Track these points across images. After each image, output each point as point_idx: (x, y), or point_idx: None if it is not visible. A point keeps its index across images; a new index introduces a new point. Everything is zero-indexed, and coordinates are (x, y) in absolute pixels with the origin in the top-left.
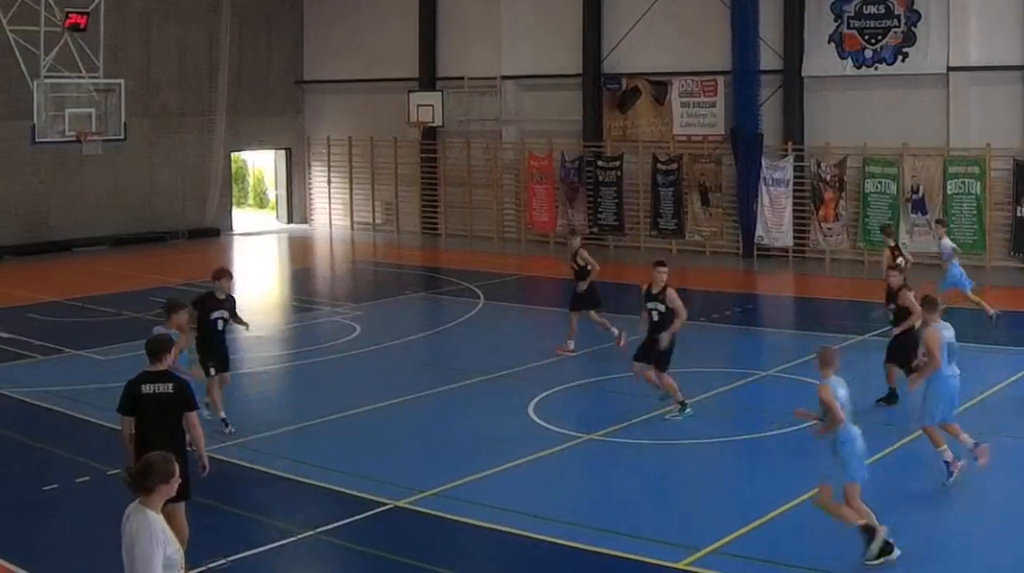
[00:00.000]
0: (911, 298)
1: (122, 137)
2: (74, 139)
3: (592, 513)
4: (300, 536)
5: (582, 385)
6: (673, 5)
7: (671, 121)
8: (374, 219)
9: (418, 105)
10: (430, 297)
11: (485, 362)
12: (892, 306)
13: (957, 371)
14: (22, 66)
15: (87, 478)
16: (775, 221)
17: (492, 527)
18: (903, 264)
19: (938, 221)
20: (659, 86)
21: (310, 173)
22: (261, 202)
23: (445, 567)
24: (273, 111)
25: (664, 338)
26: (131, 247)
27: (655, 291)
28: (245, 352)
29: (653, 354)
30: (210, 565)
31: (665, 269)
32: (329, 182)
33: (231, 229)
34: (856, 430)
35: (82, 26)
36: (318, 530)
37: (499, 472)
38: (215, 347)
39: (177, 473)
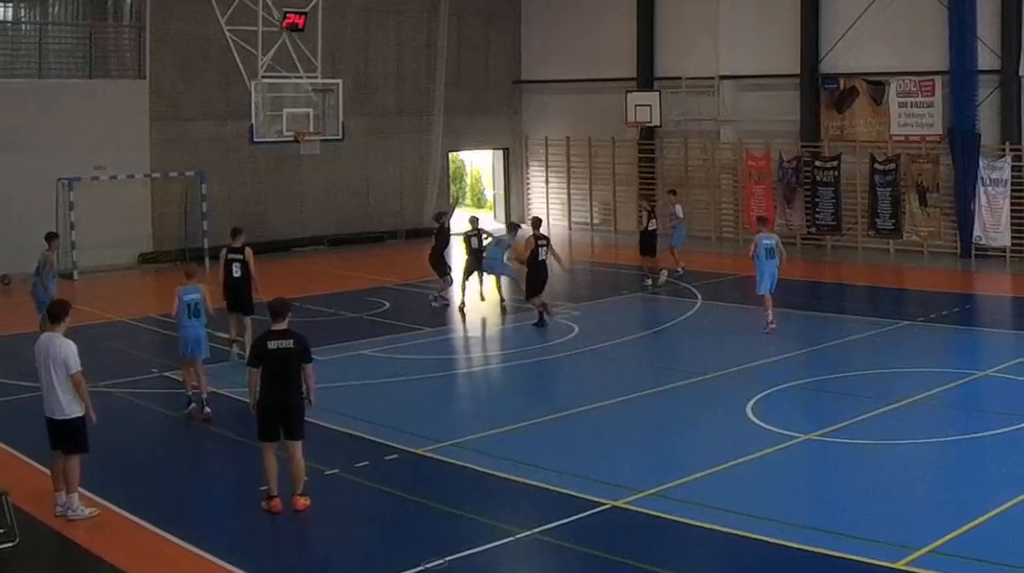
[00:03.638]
0: None
1: (340, 137)
2: (292, 139)
3: (810, 513)
4: (518, 536)
5: (800, 385)
6: (891, 5)
7: (888, 121)
8: (592, 219)
9: (636, 105)
10: (648, 297)
11: (703, 362)
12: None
13: (776, 263)
14: (240, 66)
15: (306, 479)
16: (993, 221)
17: (710, 527)
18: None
19: (670, 191)
20: (877, 86)
21: (528, 173)
22: (479, 202)
23: (663, 567)
24: (491, 111)
25: None
26: (349, 247)
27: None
28: (463, 352)
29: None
30: (428, 565)
31: None
32: (547, 182)
33: (449, 229)
34: None
35: (300, 26)
36: (535, 530)
37: (717, 472)
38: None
39: None
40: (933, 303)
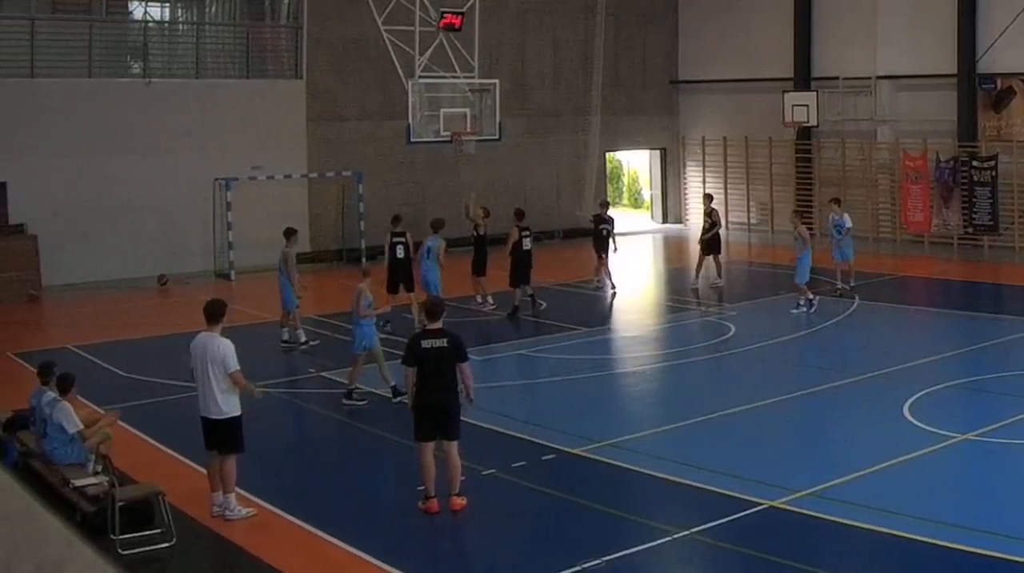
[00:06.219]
0: None
1: (497, 137)
2: (449, 139)
3: (967, 513)
4: (675, 536)
5: (958, 385)
6: None
7: None
8: (748, 219)
9: (793, 105)
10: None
11: (860, 362)
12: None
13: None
14: (397, 66)
15: (463, 478)
16: None
17: (867, 527)
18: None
19: (833, 200)
20: None
21: (685, 173)
22: (636, 202)
23: (820, 567)
24: (648, 111)
25: None
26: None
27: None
28: (620, 352)
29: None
30: (585, 565)
31: None
32: (704, 182)
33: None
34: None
35: (457, 26)
36: (692, 530)
37: (874, 472)
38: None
39: None
40: None
